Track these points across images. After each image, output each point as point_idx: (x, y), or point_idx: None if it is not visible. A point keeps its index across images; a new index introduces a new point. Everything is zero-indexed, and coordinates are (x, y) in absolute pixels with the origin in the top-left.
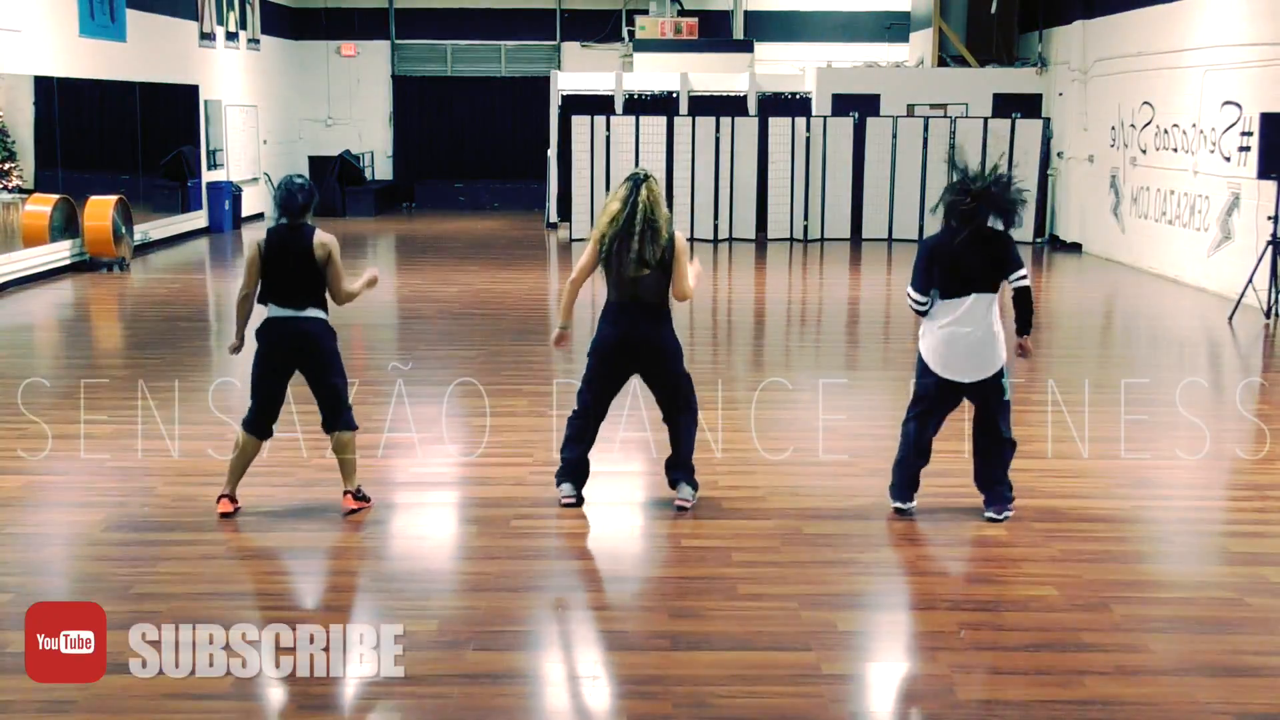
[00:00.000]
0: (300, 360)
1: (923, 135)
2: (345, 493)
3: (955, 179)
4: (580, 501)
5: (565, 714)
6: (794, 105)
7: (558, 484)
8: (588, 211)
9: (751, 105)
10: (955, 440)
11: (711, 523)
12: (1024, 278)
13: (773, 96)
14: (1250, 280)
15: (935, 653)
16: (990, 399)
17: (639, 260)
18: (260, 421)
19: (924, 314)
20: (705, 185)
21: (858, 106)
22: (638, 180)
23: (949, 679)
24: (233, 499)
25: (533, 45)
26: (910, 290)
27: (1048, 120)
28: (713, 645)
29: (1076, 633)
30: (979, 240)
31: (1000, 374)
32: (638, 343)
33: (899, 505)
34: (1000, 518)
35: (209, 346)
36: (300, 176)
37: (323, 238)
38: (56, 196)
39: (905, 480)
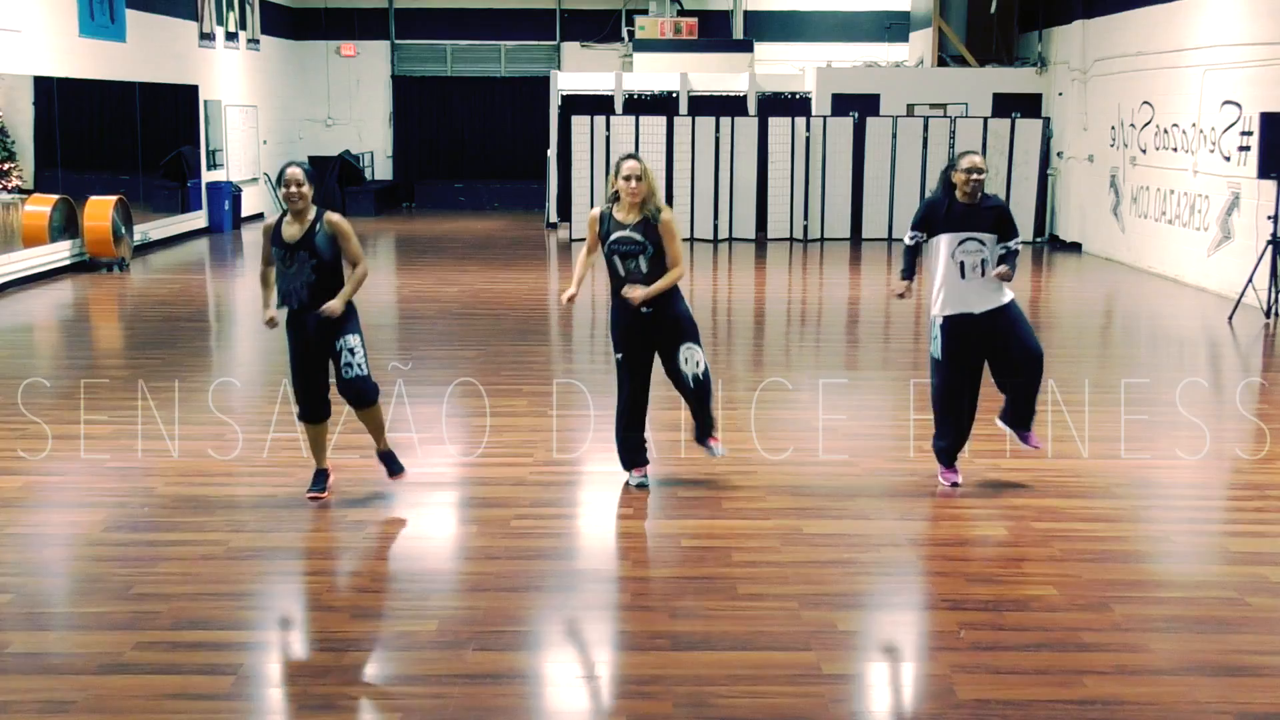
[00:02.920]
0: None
1: (922, 135)
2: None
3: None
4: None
5: (565, 714)
6: (794, 105)
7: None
8: (587, 211)
9: (751, 105)
10: None
11: (711, 523)
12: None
13: (772, 96)
14: (1250, 280)
15: (935, 653)
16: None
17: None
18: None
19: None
20: (705, 185)
21: (857, 106)
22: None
23: (949, 679)
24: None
25: (532, 45)
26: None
27: (1047, 120)
28: (713, 645)
29: (1077, 632)
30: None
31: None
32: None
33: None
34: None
35: (209, 346)
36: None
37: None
38: (56, 197)
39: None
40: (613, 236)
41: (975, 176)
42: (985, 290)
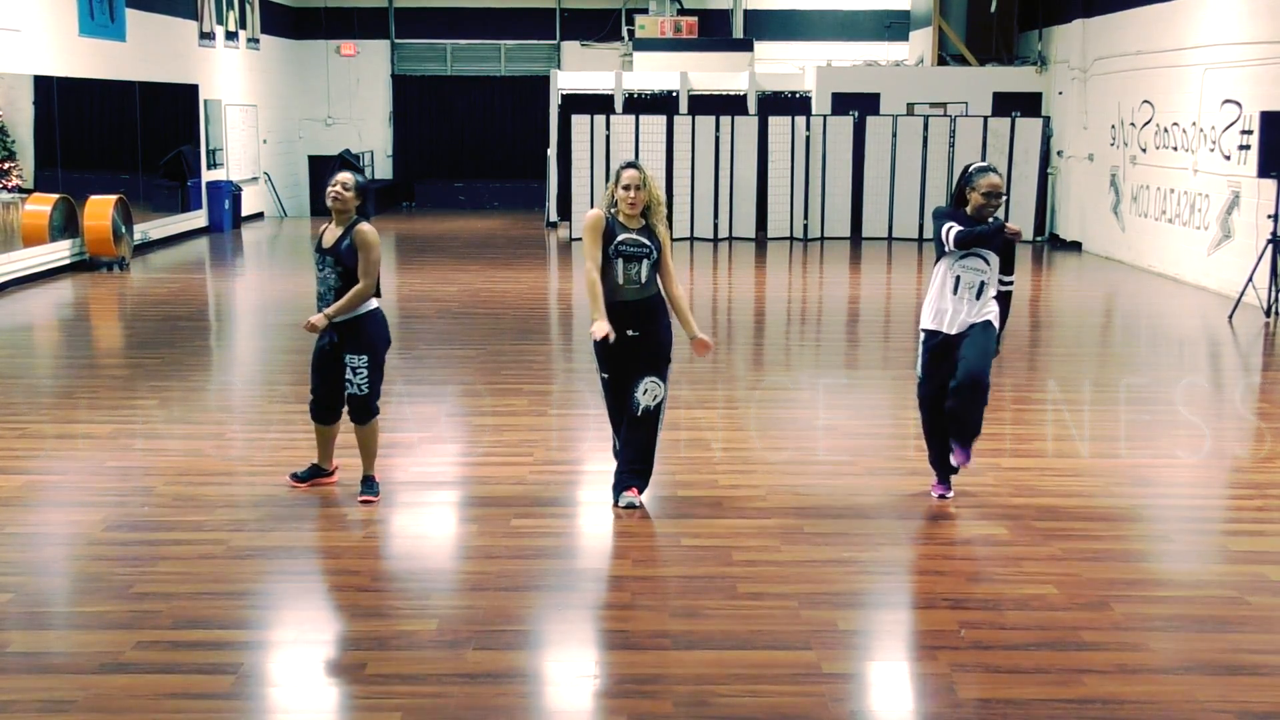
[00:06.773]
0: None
1: (922, 134)
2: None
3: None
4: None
5: (565, 714)
6: (794, 104)
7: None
8: (587, 211)
9: (751, 104)
10: None
11: (711, 522)
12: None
13: (772, 95)
14: (1250, 279)
15: (935, 652)
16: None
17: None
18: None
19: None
20: (705, 184)
21: (857, 105)
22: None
23: (949, 678)
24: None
25: (532, 44)
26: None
27: (1047, 119)
28: (713, 644)
29: (1077, 631)
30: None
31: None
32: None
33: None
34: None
35: (209, 346)
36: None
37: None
38: (56, 196)
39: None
40: (620, 238)
41: (994, 201)
42: (969, 310)
